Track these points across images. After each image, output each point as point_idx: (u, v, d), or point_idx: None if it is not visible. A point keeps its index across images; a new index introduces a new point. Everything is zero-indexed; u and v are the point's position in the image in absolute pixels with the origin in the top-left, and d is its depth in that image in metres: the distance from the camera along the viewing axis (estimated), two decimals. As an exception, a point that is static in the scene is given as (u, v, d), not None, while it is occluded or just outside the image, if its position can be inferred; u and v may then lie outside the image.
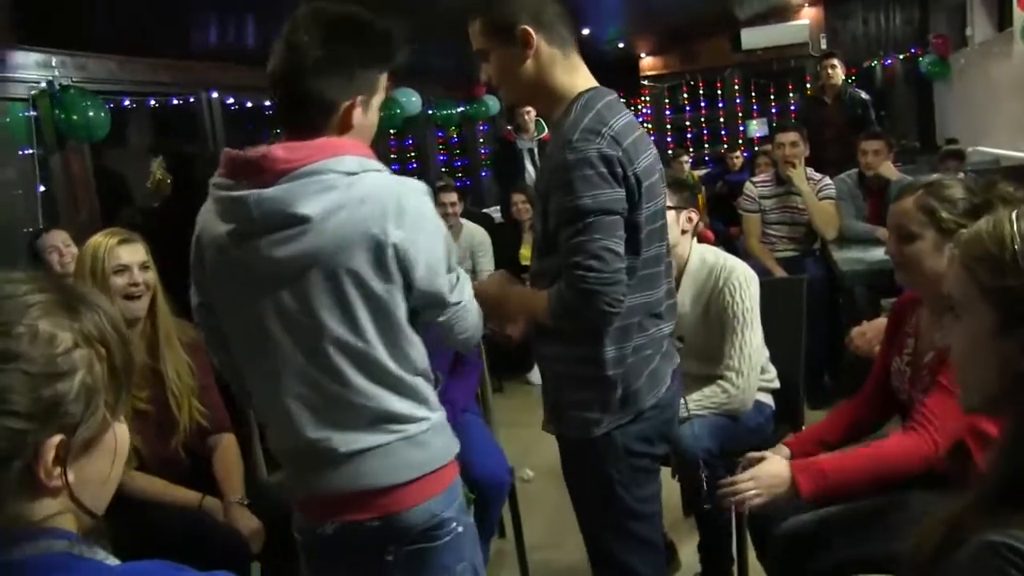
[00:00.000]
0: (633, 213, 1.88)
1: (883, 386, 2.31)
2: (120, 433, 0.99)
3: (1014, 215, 1.09)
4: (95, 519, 0.97)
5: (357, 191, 1.60)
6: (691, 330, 2.85)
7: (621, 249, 1.83)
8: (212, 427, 2.70)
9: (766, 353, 3.00)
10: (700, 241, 3.08)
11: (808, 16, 10.72)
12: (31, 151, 4.75)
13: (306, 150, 1.60)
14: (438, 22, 6.95)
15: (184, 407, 2.59)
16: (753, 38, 10.69)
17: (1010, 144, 7.32)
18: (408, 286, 1.65)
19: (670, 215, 2.69)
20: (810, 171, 5.11)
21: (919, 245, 2.00)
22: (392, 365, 1.66)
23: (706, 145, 11.44)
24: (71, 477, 0.91)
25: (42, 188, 4.74)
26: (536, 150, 7.12)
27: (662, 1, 9.04)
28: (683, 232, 2.95)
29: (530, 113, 7.10)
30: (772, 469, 2.04)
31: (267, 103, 6.01)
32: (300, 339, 1.65)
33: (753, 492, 2.03)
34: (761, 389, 2.99)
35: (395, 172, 1.73)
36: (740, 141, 10.83)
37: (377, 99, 1.73)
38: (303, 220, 1.58)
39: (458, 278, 1.75)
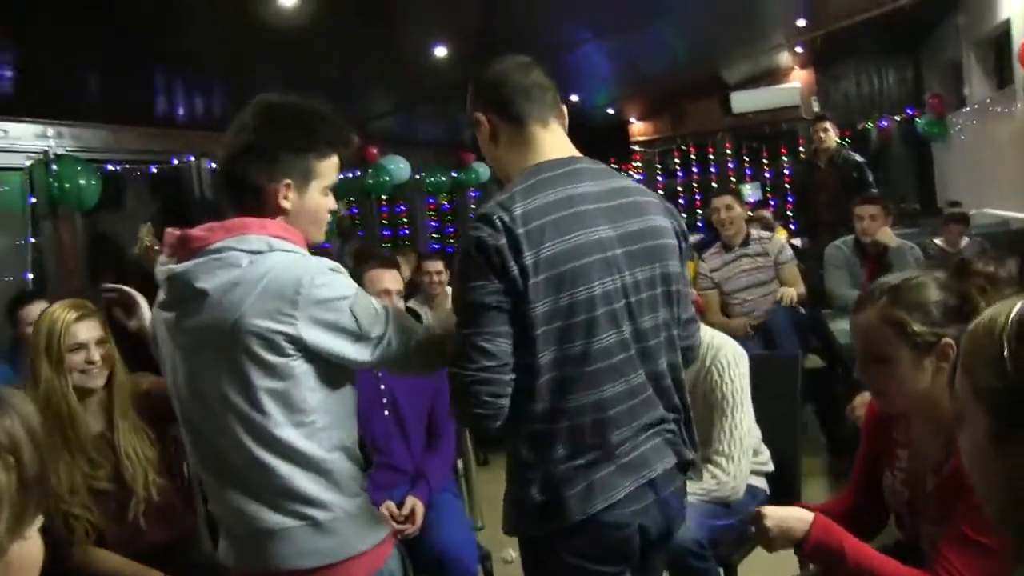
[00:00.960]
0: (523, 306, 1.69)
1: (872, 499, 1.97)
2: (27, 551, 0.90)
3: (1017, 307, 0.98)
4: None
5: (257, 270, 1.66)
6: None
7: (497, 346, 1.68)
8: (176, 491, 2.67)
9: (758, 433, 2.86)
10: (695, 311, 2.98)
11: (799, 78, 10.82)
12: (25, 217, 4.76)
13: (218, 230, 1.71)
14: (426, 92, 7.03)
15: (139, 479, 2.52)
16: (743, 101, 10.78)
17: (1017, 205, 7.15)
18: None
19: None
20: (757, 233, 5.18)
21: (894, 370, 1.67)
22: (299, 440, 1.68)
23: (698, 211, 11.43)
24: None
25: (32, 255, 4.73)
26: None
27: (650, 66, 9.12)
28: None
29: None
30: (798, 513, 1.80)
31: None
32: (206, 409, 1.71)
33: (774, 524, 1.78)
34: (755, 472, 2.84)
35: (386, 238, 1.88)
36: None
37: (318, 183, 1.80)
38: (202, 294, 1.67)
39: (379, 312, 1.76)
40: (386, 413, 3.11)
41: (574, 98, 9.05)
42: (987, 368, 0.97)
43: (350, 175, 7.78)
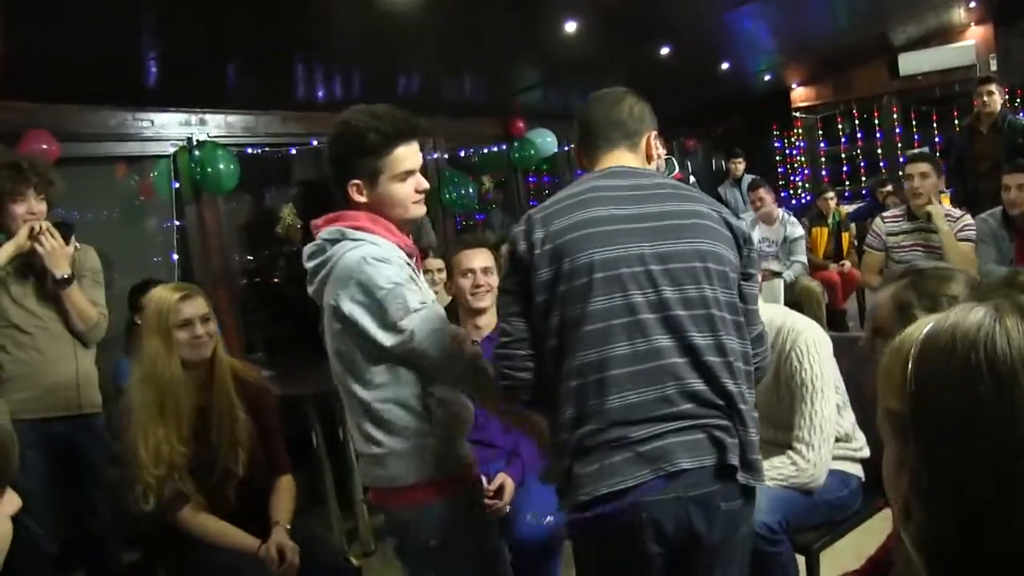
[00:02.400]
0: (531, 276, 1.91)
1: None
2: None
3: (926, 328, 0.87)
4: None
5: (331, 257, 2.10)
6: (759, 393, 2.66)
7: (512, 325, 1.95)
8: (265, 471, 2.82)
9: (851, 417, 2.76)
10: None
11: (975, 36, 10.03)
12: (170, 201, 5.10)
13: (330, 219, 2.16)
14: (574, 64, 7.01)
15: (223, 451, 2.69)
16: (912, 63, 10.11)
17: None
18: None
19: None
20: (948, 207, 4.73)
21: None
22: (360, 391, 2.09)
23: (862, 179, 10.86)
24: None
25: (177, 237, 5.05)
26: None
27: (812, 29, 8.71)
28: None
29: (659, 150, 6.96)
30: None
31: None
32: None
33: None
34: (846, 459, 2.75)
35: (532, 207, 2.12)
36: (900, 173, 10.16)
37: (387, 175, 2.12)
38: (307, 272, 2.17)
39: (413, 309, 2.03)
40: None
41: (725, 66, 8.81)
42: (893, 391, 0.88)
43: (495, 149, 7.88)
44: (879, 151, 10.76)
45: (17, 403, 3.03)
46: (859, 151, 10.98)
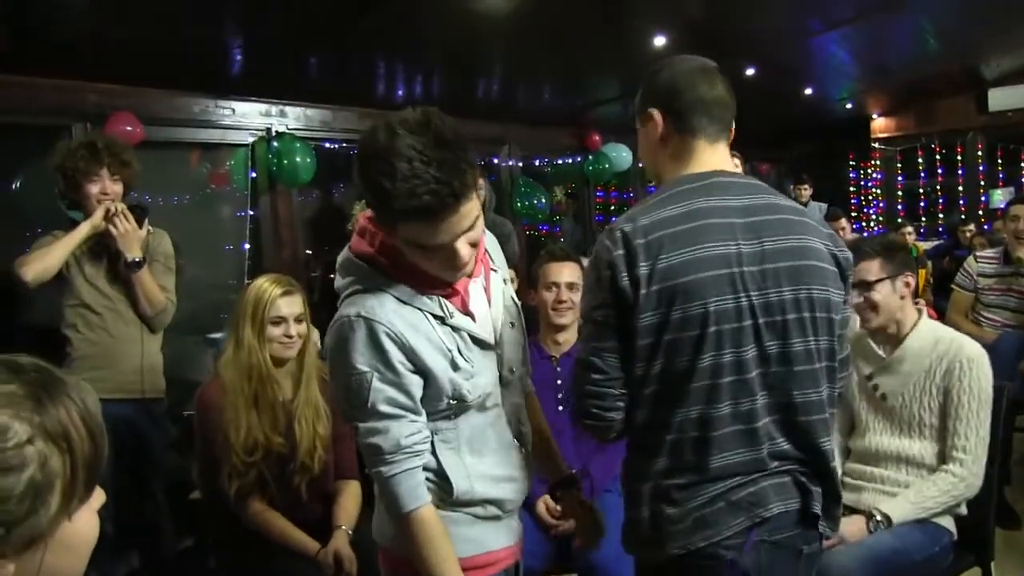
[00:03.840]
0: (632, 317, 1.67)
1: None
2: (81, 528, 0.94)
3: None
4: None
5: (340, 291, 1.75)
6: (899, 396, 2.67)
7: (605, 361, 1.71)
8: (335, 473, 2.83)
9: None
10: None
11: (1073, 75, 9.68)
12: (247, 193, 5.11)
13: (354, 239, 1.76)
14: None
15: (303, 447, 2.70)
16: (1004, 99, 9.79)
17: None
18: None
19: (884, 285, 2.67)
20: None
21: None
22: None
23: (940, 216, 10.55)
24: (9, 570, 0.88)
25: (250, 227, 5.06)
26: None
27: (899, 58, 8.49)
28: (901, 298, 2.73)
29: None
30: None
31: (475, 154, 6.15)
32: None
33: None
34: (944, 512, 2.61)
35: (599, 223, 1.85)
36: (980, 213, 9.89)
37: (416, 247, 1.62)
38: None
39: (362, 401, 1.67)
40: (559, 408, 3.09)
41: (808, 91, 8.64)
42: None
43: (569, 160, 7.81)
44: (960, 188, 10.44)
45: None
46: (939, 187, 10.66)
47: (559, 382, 3.12)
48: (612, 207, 9.15)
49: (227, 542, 2.80)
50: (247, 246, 5.02)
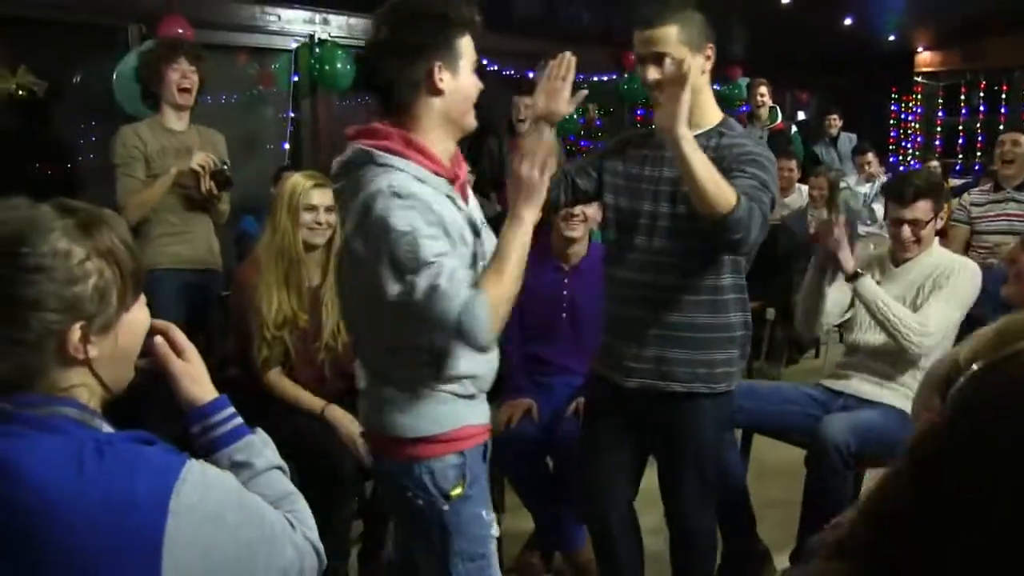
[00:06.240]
0: None
1: None
2: (136, 315, 1.29)
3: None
4: (108, 392, 1.28)
5: (359, 182, 1.82)
6: (900, 300, 2.99)
7: None
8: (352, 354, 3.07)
9: None
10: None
11: None
12: (289, 95, 5.39)
13: (362, 132, 1.87)
14: (691, 3, 6.93)
15: (328, 328, 2.98)
16: (1056, 37, 9.60)
17: None
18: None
19: (931, 225, 3.10)
20: None
21: None
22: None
23: (978, 153, 10.49)
24: (94, 352, 1.21)
25: (291, 128, 5.36)
26: (766, 138, 6.91)
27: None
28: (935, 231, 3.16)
29: (765, 98, 6.96)
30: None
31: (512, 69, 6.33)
32: None
33: None
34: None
35: None
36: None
37: (465, 61, 1.87)
38: (340, 190, 1.93)
39: (422, 260, 1.74)
40: (563, 316, 3.32)
41: (848, 21, 8.58)
42: (927, 402, 0.86)
43: (604, 78, 7.92)
44: (1000, 127, 10.32)
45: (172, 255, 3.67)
46: (980, 124, 10.58)
47: (565, 292, 3.32)
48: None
49: (257, 416, 3.09)
50: (286, 146, 5.31)
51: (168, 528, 1.13)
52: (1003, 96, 10.28)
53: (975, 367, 0.76)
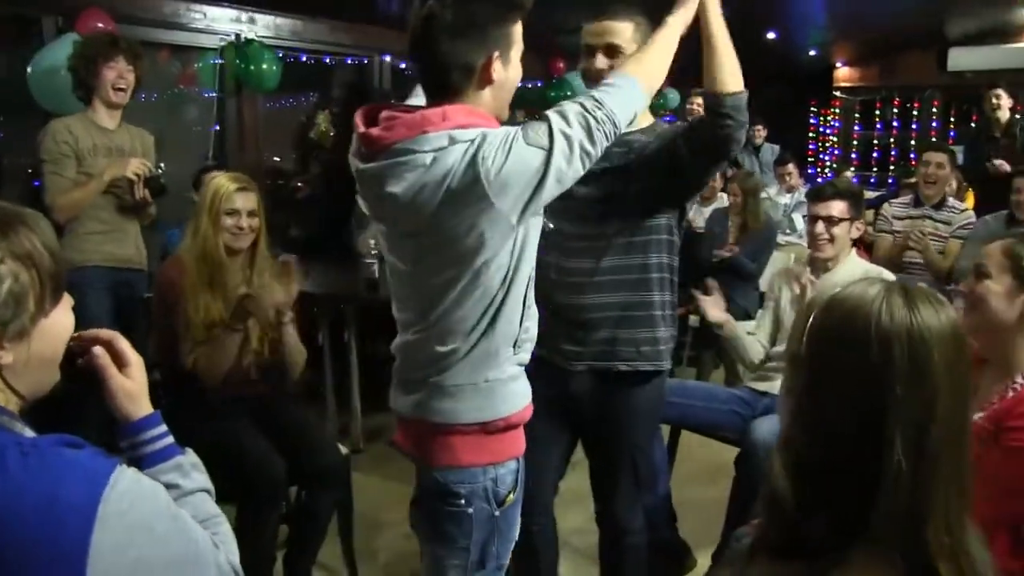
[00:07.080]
0: None
1: None
2: (56, 321, 1.23)
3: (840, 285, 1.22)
4: (22, 399, 1.22)
5: (437, 170, 1.65)
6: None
7: None
8: (284, 358, 3.05)
9: None
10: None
11: (1032, 40, 9.89)
12: (213, 95, 5.29)
13: (399, 126, 1.69)
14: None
15: (256, 333, 2.95)
16: (962, 59, 9.98)
17: None
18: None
19: (845, 225, 3.22)
20: (953, 201, 5.02)
21: (990, 284, 1.95)
22: None
23: (891, 167, 10.86)
24: (7, 359, 1.16)
25: (216, 127, 5.27)
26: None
27: (869, 9, 8.62)
28: (850, 238, 3.26)
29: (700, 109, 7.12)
30: None
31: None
32: None
33: None
34: None
35: None
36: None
37: (516, 51, 1.78)
38: (392, 197, 1.70)
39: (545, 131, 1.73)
40: None
41: (771, 35, 8.79)
42: (799, 334, 1.21)
43: (529, 85, 7.96)
44: (912, 142, 10.73)
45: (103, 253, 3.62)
46: (893, 139, 10.96)
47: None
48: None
49: (184, 415, 3.02)
50: (211, 145, 5.22)
51: (95, 535, 1.08)
52: (914, 112, 10.67)
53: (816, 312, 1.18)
